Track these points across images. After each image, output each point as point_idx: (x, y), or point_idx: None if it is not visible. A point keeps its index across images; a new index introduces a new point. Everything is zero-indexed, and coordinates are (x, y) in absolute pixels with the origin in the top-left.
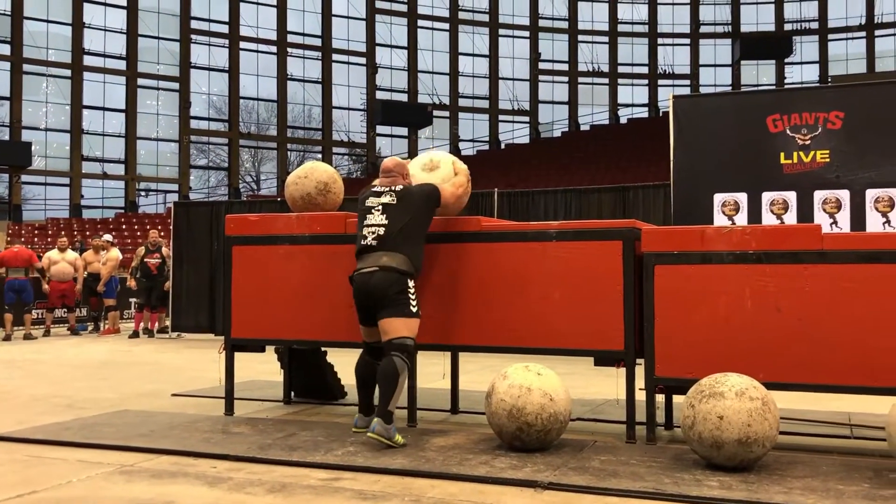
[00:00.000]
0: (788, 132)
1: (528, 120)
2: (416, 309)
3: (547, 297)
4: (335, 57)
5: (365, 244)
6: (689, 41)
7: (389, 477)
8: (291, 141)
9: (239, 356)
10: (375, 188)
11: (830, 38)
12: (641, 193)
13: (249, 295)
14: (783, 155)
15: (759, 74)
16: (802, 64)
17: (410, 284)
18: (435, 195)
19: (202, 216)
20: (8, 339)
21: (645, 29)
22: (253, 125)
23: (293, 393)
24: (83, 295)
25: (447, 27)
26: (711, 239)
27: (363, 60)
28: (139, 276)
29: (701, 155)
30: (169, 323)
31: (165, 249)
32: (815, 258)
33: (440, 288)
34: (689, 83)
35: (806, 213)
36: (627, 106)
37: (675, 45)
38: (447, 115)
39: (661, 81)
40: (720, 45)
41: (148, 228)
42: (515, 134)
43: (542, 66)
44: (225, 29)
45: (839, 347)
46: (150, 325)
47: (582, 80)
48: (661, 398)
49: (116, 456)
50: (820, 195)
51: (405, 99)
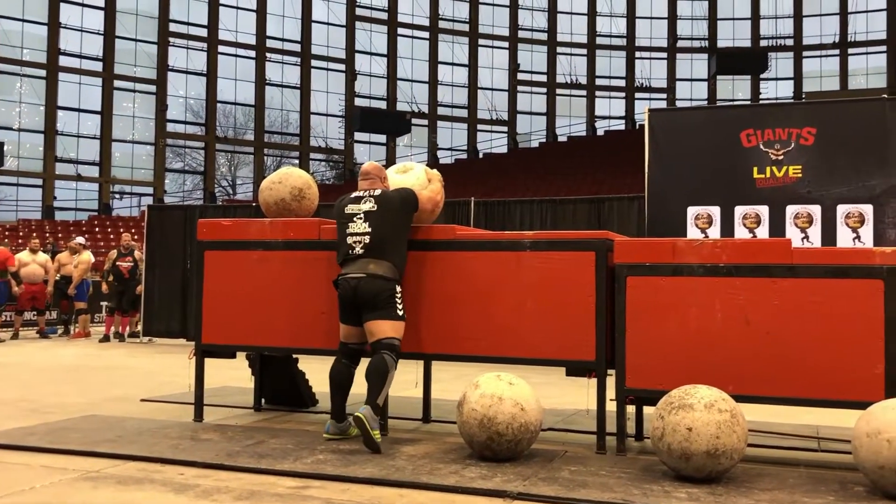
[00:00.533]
0: (762, 147)
1: (506, 130)
2: (402, 313)
3: (520, 306)
4: (314, 63)
5: (352, 254)
6: (666, 55)
7: (358, 486)
8: (268, 146)
9: (211, 362)
10: (355, 194)
11: (805, 55)
12: (616, 205)
13: (221, 300)
14: (756, 169)
15: (734, 89)
16: (777, 80)
17: (398, 290)
18: (412, 199)
19: (176, 220)
20: None
21: (623, 42)
22: (230, 129)
23: (264, 400)
24: (54, 297)
25: (427, 36)
26: (683, 251)
27: (342, 67)
28: (111, 279)
29: (675, 168)
30: (140, 327)
31: (138, 253)
32: (784, 272)
33: (414, 296)
34: (665, 97)
35: (778, 227)
36: (604, 118)
37: (652, 58)
38: (426, 123)
39: (638, 94)
40: (697, 59)
41: (121, 231)
42: (493, 144)
43: (520, 76)
44: (204, 32)
45: (807, 361)
46: (121, 329)
47: (560, 91)
48: (631, 409)
49: (82, 462)
50: (792, 210)
51: (384, 106)
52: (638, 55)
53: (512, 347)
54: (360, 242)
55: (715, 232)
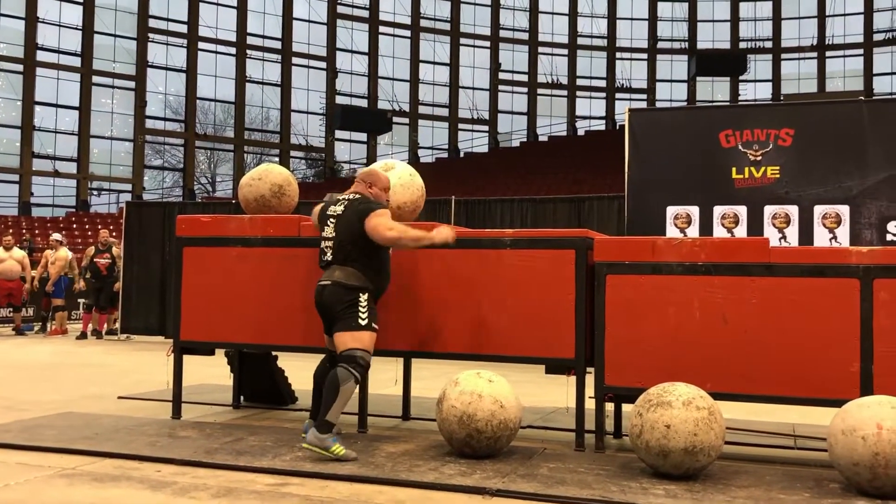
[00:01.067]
0: (740, 147)
1: (487, 129)
2: (365, 322)
3: (501, 304)
4: (295, 60)
5: (323, 259)
6: (646, 56)
7: (337, 483)
8: (248, 143)
9: (189, 359)
10: (337, 196)
11: (783, 57)
12: (597, 204)
13: (200, 297)
14: (735, 170)
15: (714, 91)
16: (756, 82)
17: (362, 298)
18: (366, 215)
19: (155, 217)
20: None
21: (604, 43)
22: (210, 126)
23: (243, 397)
24: (36, 294)
25: (409, 34)
26: (662, 250)
27: (323, 65)
28: (88, 276)
29: (655, 168)
30: (118, 324)
31: (116, 249)
32: (761, 271)
33: (393, 294)
34: (646, 97)
35: (756, 227)
36: (585, 118)
37: (633, 59)
38: (407, 122)
39: (618, 95)
40: (677, 60)
41: (99, 228)
42: (474, 143)
43: (501, 76)
44: (183, 29)
45: (784, 359)
46: (98, 326)
47: (541, 91)
48: (610, 407)
49: (58, 459)
50: (770, 210)
51: (365, 104)
52: (618, 56)
53: (492, 345)
54: (329, 247)
55: (694, 231)
